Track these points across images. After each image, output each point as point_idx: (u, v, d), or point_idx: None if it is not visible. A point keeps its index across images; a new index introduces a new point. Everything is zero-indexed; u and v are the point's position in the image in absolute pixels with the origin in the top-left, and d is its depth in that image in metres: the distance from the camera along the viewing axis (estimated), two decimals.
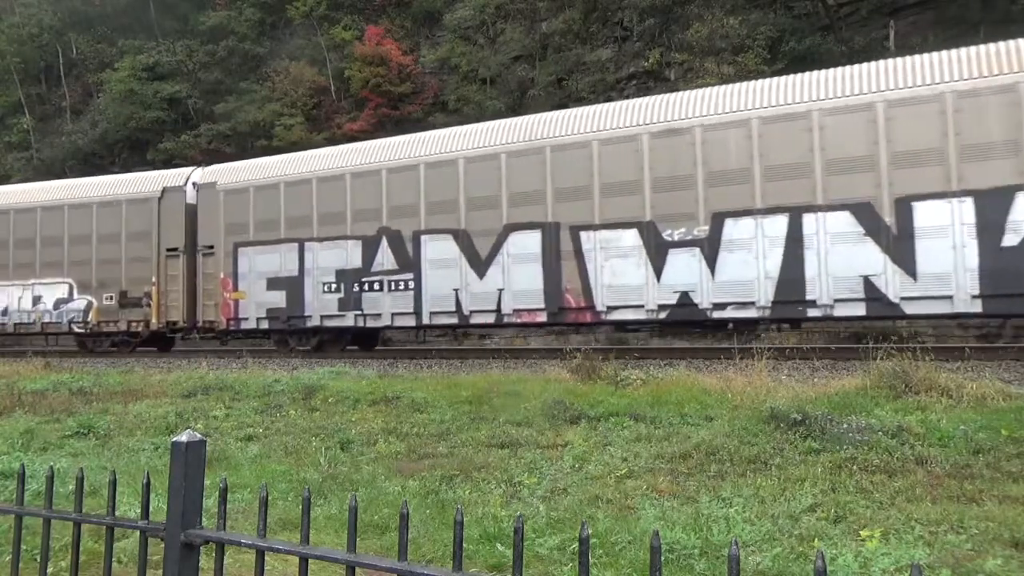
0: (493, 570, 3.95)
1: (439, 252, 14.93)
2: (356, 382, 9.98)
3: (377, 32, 29.95)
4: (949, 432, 5.80)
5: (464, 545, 2.00)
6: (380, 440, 7.03)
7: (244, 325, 17.06)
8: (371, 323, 15.75)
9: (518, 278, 14.12)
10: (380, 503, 5.10)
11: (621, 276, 13.25)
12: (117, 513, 2.34)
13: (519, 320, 14.35)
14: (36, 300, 19.20)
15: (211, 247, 17.60)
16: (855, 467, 5.30)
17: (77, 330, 18.89)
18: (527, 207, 14.14)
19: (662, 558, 1.76)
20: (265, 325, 16.85)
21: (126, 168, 28.46)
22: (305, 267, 16.30)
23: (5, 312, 19.45)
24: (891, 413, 6.47)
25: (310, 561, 1.82)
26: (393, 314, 15.30)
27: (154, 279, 18.08)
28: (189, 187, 18.23)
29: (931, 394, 7.02)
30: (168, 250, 18.08)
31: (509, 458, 6.19)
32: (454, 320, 14.86)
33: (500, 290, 14.26)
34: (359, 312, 15.69)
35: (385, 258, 15.45)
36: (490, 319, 14.54)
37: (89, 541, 3.98)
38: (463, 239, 14.69)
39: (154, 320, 17.95)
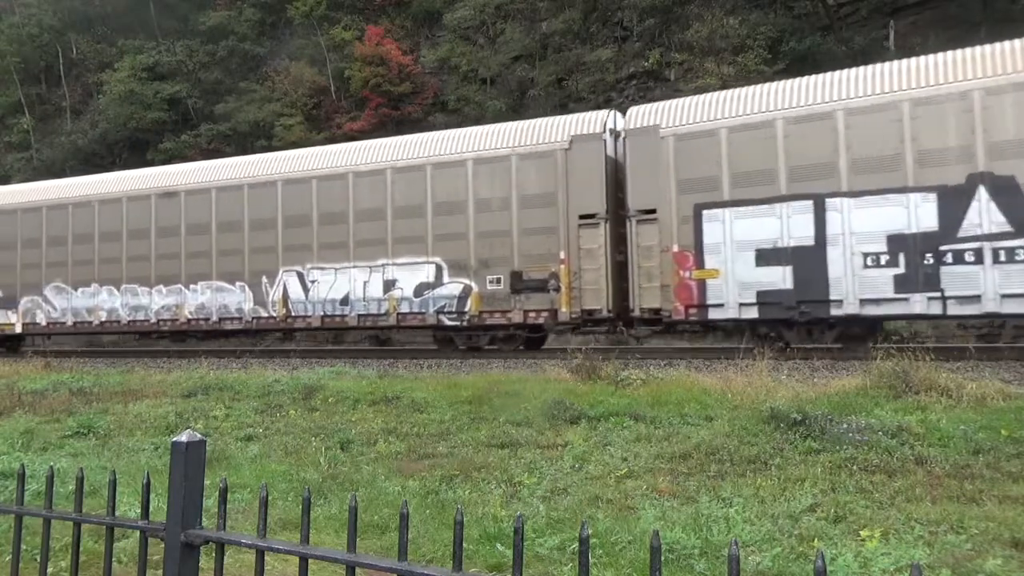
0: (493, 570, 3.95)
1: None
2: (356, 382, 9.98)
3: (377, 32, 29.95)
4: (949, 432, 5.80)
5: (464, 545, 2.00)
6: (380, 440, 7.03)
7: (716, 314, 12.90)
8: (957, 309, 11.37)
9: None
10: (380, 503, 5.10)
11: None
12: (117, 513, 2.34)
13: None
14: (389, 285, 15.33)
15: (651, 211, 13.42)
16: (855, 467, 5.31)
17: (449, 322, 14.98)
18: None
19: (662, 558, 1.76)
20: (752, 314, 12.57)
21: (126, 169, 28.34)
22: (827, 232, 12.08)
23: (345, 301, 15.71)
24: (891, 413, 6.47)
25: (310, 561, 1.82)
26: (1003, 296, 10.93)
27: (562, 255, 14.01)
28: (607, 134, 14.15)
29: (931, 394, 7.02)
30: (581, 217, 13.94)
31: (509, 458, 6.19)
32: None
33: None
34: (934, 294, 11.36)
35: (985, 216, 11.06)
36: None
37: (89, 541, 3.99)
38: None
39: (563, 308, 13.93)
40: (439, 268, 15.06)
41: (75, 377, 11.55)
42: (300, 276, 16.22)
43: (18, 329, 19.48)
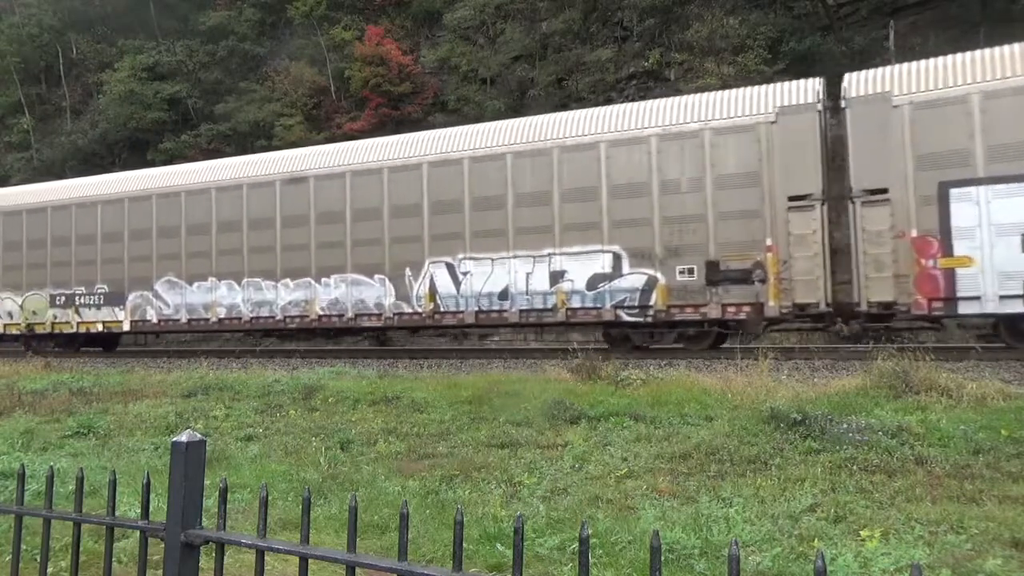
0: (493, 570, 3.95)
1: None
2: (356, 382, 9.98)
3: (377, 32, 29.94)
4: (949, 432, 5.80)
5: (464, 545, 2.01)
6: (380, 440, 7.03)
7: (967, 308, 11.38)
8: None
9: None
10: (380, 503, 5.10)
11: None
12: (117, 513, 2.34)
13: None
14: (556, 277, 13.83)
15: (880, 191, 11.78)
16: (855, 467, 5.31)
17: (628, 317, 13.37)
18: None
19: (662, 558, 1.76)
20: (1018, 307, 10.98)
21: (126, 169, 28.34)
22: None
23: (504, 295, 14.19)
24: (891, 413, 6.47)
25: (310, 561, 1.82)
26: None
27: (768, 242, 12.46)
28: (820, 104, 12.56)
29: (931, 394, 7.02)
30: (791, 199, 12.34)
31: (509, 458, 6.19)
32: None
33: None
34: None
35: None
36: None
37: (89, 541, 3.99)
38: None
39: (771, 301, 12.41)
40: (617, 257, 13.41)
41: (75, 377, 11.55)
42: (450, 268, 14.66)
43: (126, 327, 18.02)
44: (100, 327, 18.38)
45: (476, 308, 14.42)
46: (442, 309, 14.75)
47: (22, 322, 19.24)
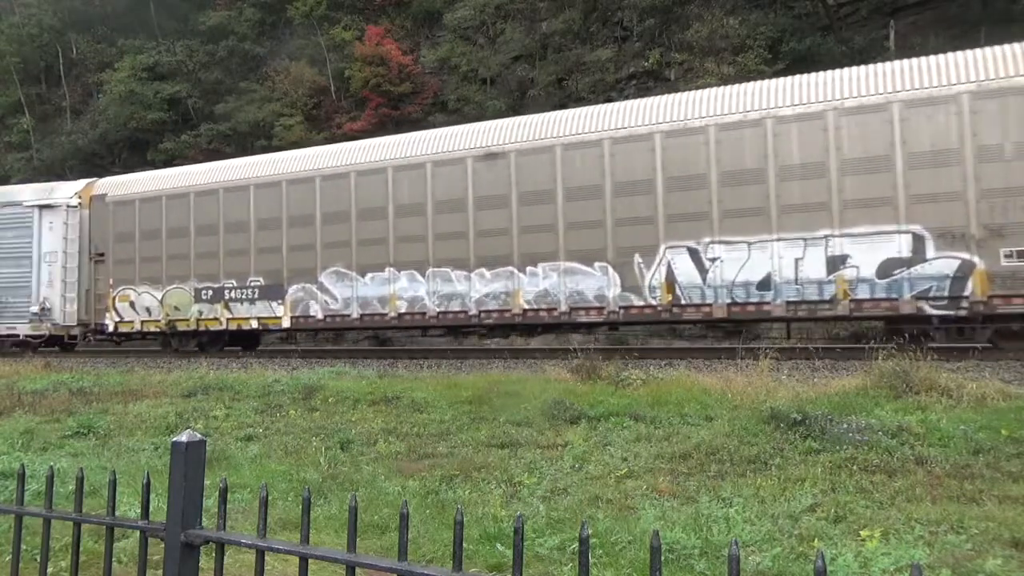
0: (493, 570, 3.95)
1: None
2: (356, 382, 9.98)
3: (377, 32, 29.95)
4: (949, 432, 5.80)
5: (464, 545, 2.01)
6: (380, 440, 7.03)
7: None
8: None
9: None
10: (380, 503, 5.10)
11: None
12: (117, 513, 2.34)
13: None
14: (836, 263, 11.82)
15: None
16: (855, 467, 5.31)
17: (934, 310, 11.34)
18: None
19: (662, 558, 1.76)
20: None
21: (127, 168, 28.37)
22: None
23: (766, 284, 12.21)
24: (891, 413, 6.47)
25: (310, 561, 1.82)
26: None
27: None
28: None
29: (931, 394, 7.02)
30: None
31: (509, 458, 6.19)
32: None
33: None
34: None
35: None
36: None
37: (89, 541, 3.98)
38: None
39: None
40: (918, 239, 11.38)
41: (75, 377, 11.55)
42: (694, 253, 12.70)
43: (286, 323, 16.13)
44: (254, 324, 16.59)
45: (728, 300, 12.42)
46: (683, 301, 12.76)
47: (162, 318, 17.53)
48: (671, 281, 12.84)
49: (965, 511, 4.43)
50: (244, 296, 16.67)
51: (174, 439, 2.00)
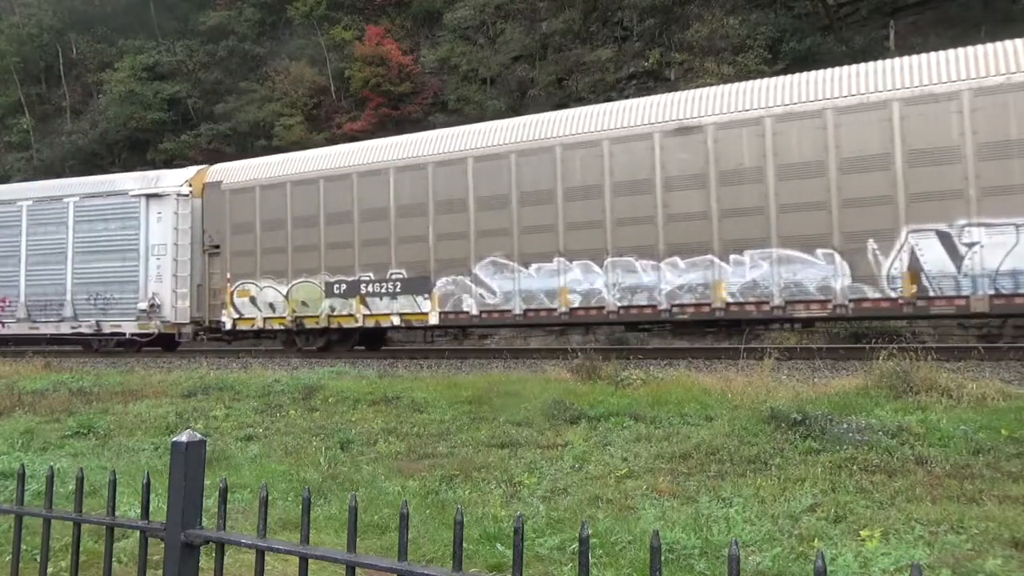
0: (493, 570, 3.95)
1: None
2: (356, 382, 9.98)
3: (377, 32, 29.95)
4: (949, 432, 5.80)
5: (464, 545, 2.01)
6: (380, 440, 7.03)
7: None
8: None
9: None
10: (380, 503, 5.10)
11: None
12: (117, 513, 2.34)
13: None
14: None
15: None
16: (855, 467, 5.31)
17: None
18: None
19: (662, 558, 1.76)
20: None
21: (126, 168, 28.37)
22: None
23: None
24: (891, 413, 6.47)
25: (310, 561, 1.82)
26: None
27: None
28: None
29: (931, 394, 7.02)
30: None
31: (509, 458, 6.19)
32: None
33: None
34: None
35: None
36: None
37: (89, 541, 3.98)
38: None
39: None
40: None
41: (75, 377, 11.55)
42: (944, 237, 11.13)
43: (433, 319, 14.81)
44: (395, 320, 15.19)
45: (990, 291, 10.79)
46: (931, 293, 11.18)
47: (288, 315, 16.22)
48: (915, 270, 11.25)
49: (965, 511, 4.43)
50: (383, 290, 15.25)
51: (174, 439, 2.00)
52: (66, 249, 18.35)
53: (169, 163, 28.10)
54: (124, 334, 17.80)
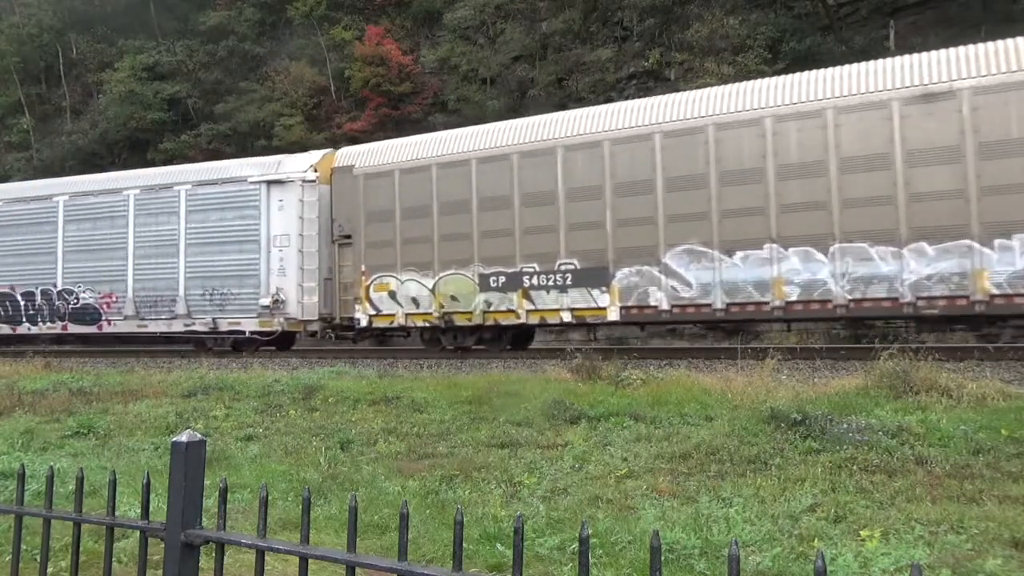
0: (493, 570, 3.95)
1: None
2: (356, 382, 9.99)
3: (377, 32, 29.96)
4: (949, 432, 5.80)
5: (464, 545, 2.01)
6: (380, 440, 7.04)
7: None
8: None
9: None
10: (380, 503, 5.10)
11: None
12: (117, 513, 2.34)
13: None
14: None
15: None
16: (855, 467, 5.31)
17: None
18: None
19: (662, 558, 1.76)
20: None
21: (126, 169, 28.36)
22: None
23: None
24: (891, 413, 6.47)
25: (310, 561, 1.82)
26: None
27: None
28: None
29: (931, 394, 7.03)
30: None
31: (509, 458, 6.19)
32: None
33: None
34: None
35: None
36: None
37: (89, 541, 3.98)
38: None
39: None
40: None
41: (75, 377, 11.55)
42: None
43: (613, 315, 13.15)
44: (566, 316, 13.59)
45: None
46: None
47: (435, 311, 14.76)
48: None
49: (965, 511, 4.43)
50: (551, 283, 13.62)
51: (174, 439, 2.00)
52: (178, 241, 17.08)
53: (169, 163, 28.09)
54: (243, 332, 16.55)
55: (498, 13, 29.46)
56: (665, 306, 12.68)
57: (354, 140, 22.73)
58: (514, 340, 15.35)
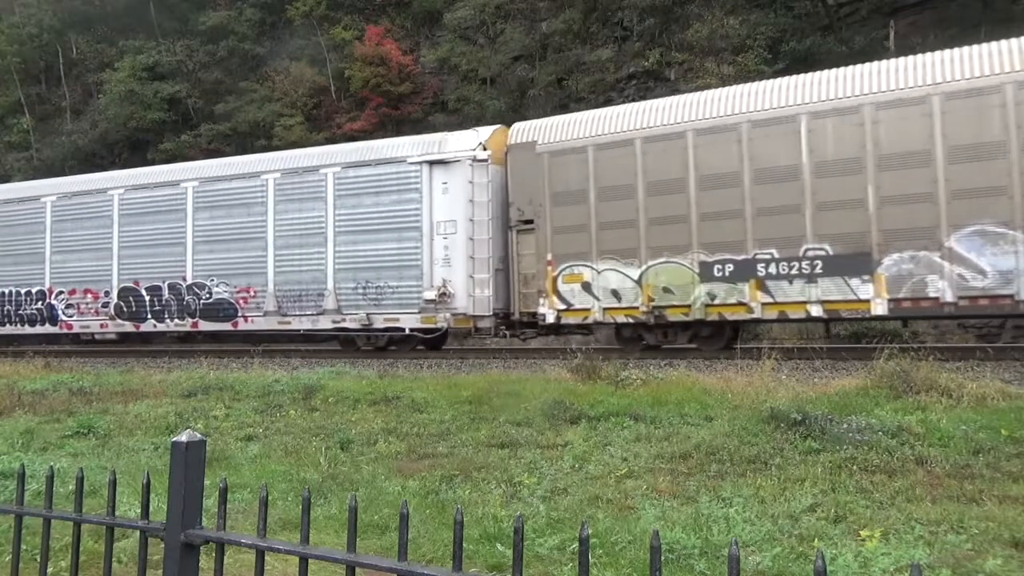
0: (493, 570, 3.95)
1: None
2: (356, 382, 9.99)
3: (377, 32, 29.96)
4: (949, 432, 5.80)
5: (464, 545, 2.01)
6: (380, 440, 7.03)
7: None
8: None
9: None
10: (380, 503, 5.10)
11: None
12: (117, 513, 2.34)
13: None
14: None
15: None
16: (855, 467, 5.31)
17: None
18: None
19: (662, 558, 1.76)
20: None
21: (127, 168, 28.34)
22: None
23: None
24: (891, 413, 6.47)
25: (310, 561, 1.82)
26: None
27: None
28: None
29: (931, 394, 7.03)
30: None
31: (509, 458, 6.19)
32: None
33: None
34: None
35: None
36: None
37: (89, 541, 3.98)
38: None
39: None
40: None
41: (75, 377, 11.55)
42: None
43: (879, 308, 11.38)
44: (815, 311, 11.88)
45: None
46: None
47: (641, 304, 13.04)
48: None
49: (965, 511, 4.44)
50: (795, 271, 11.90)
51: (174, 439, 2.00)
52: (325, 229, 15.49)
53: (169, 163, 28.07)
54: (402, 329, 14.90)
55: (498, 13, 29.46)
56: (949, 298, 10.94)
57: (354, 140, 22.70)
58: (707, 339, 13.41)
